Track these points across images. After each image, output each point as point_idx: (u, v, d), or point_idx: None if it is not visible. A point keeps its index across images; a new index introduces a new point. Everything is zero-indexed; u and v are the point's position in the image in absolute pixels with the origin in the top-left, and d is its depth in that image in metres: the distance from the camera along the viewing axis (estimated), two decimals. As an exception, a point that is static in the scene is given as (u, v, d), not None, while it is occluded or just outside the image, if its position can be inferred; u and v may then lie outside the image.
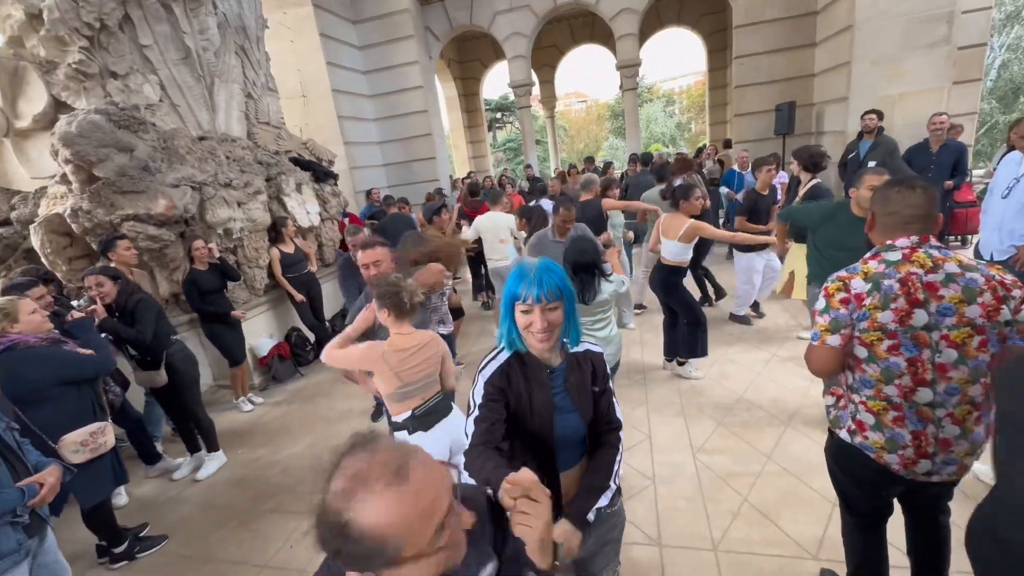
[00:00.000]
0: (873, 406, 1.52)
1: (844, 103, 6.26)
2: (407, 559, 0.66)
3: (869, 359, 1.48)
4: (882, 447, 1.51)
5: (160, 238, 4.11)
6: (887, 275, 1.43)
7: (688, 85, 38.44)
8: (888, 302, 1.40)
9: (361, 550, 0.64)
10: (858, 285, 1.46)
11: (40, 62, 4.12)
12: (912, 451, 1.47)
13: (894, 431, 1.49)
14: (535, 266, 1.28)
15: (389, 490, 0.65)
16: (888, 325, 1.41)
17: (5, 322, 2.24)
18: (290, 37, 7.94)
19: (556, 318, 1.27)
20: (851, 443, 1.60)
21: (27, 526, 1.74)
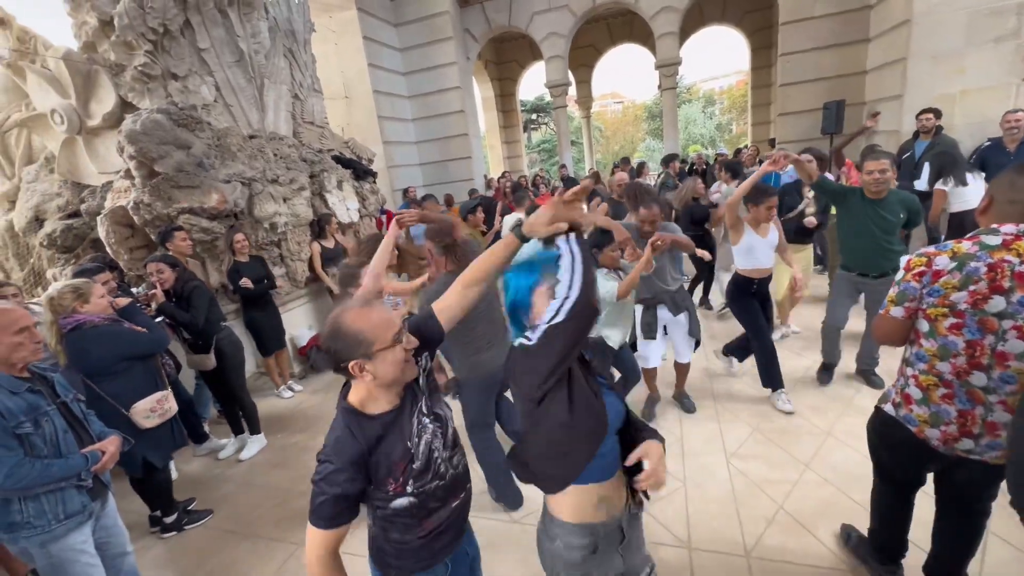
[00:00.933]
0: (924, 380, 1.55)
1: (899, 101, 5.94)
2: (377, 352, 1.14)
3: (929, 333, 1.50)
4: (925, 420, 1.56)
5: (212, 230, 4.34)
6: (978, 257, 1.39)
7: (730, 85, 37.33)
8: (968, 283, 1.39)
9: (349, 342, 1.13)
10: (942, 262, 1.45)
11: (110, 65, 4.44)
12: (956, 428, 1.50)
13: (940, 407, 1.52)
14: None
15: (361, 308, 1.18)
16: (959, 305, 1.41)
17: (77, 301, 2.42)
18: (335, 40, 8.22)
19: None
20: (894, 415, 1.65)
21: (90, 490, 1.88)
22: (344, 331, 1.13)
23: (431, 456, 1.25)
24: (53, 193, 4.88)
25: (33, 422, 1.71)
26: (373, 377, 1.15)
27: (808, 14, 7.00)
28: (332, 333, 1.15)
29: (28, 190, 4.96)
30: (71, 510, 1.79)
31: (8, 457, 1.62)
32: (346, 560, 1.25)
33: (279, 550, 2.67)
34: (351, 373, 1.15)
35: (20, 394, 1.71)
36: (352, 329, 1.13)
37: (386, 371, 1.15)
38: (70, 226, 4.71)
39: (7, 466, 1.61)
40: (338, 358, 1.14)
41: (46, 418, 1.75)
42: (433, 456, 1.26)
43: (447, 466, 1.30)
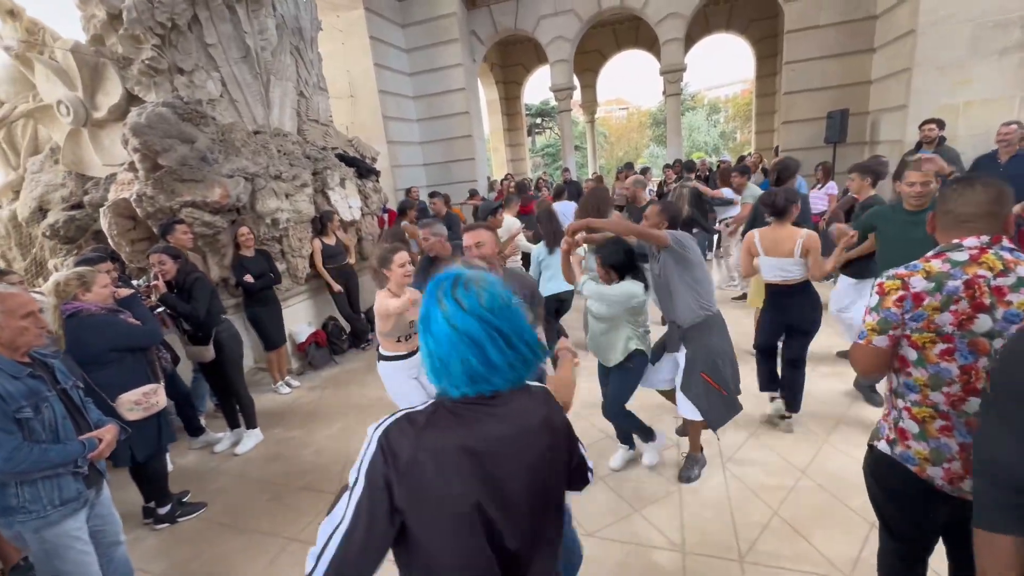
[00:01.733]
0: (918, 413, 1.41)
1: (903, 111, 5.96)
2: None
3: (918, 362, 1.39)
4: (925, 458, 1.40)
5: (214, 224, 4.36)
6: (952, 275, 1.32)
7: (735, 94, 37.39)
8: (949, 303, 1.31)
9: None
10: (919, 283, 1.35)
11: (117, 58, 4.46)
12: (959, 464, 1.35)
13: (940, 441, 1.38)
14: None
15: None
16: (945, 327, 1.32)
17: (80, 288, 2.44)
18: (341, 39, 8.26)
19: None
20: (890, 454, 1.48)
21: (86, 477, 1.88)
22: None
23: None
24: (57, 184, 4.90)
25: (33, 407, 1.71)
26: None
27: (813, 23, 7.03)
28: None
29: (32, 180, 4.98)
30: (67, 496, 1.80)
31: (7, 440, 1.62)
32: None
33: (272, 544, 2.66)
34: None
35: (21, 379, 1.72)
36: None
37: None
38: (73, 217, 4.73)
39: (6, 450, 1.61)
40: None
41: (46, 404, 1.76)
42: None
43: None
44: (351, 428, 3.86)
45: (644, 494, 2.75)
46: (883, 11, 6.50)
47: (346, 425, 3.92)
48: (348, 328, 5.60)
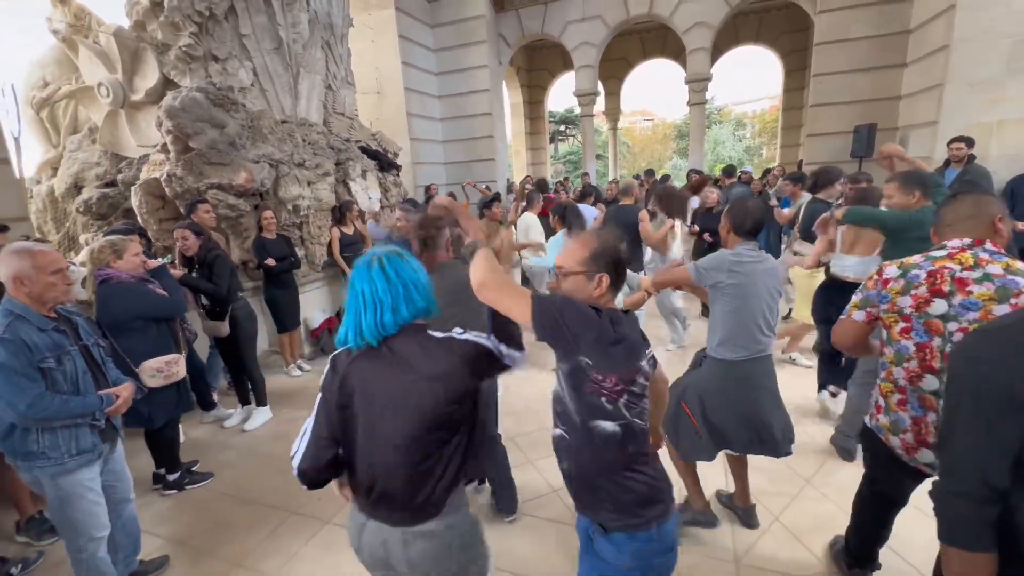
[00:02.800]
0: (884, 388, 1.64)
1: (933, 128, 5.83)
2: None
3: (887, 340, 1.61)
4: (887, 428, 1.64)
5: (238, 207, 4.49)
6: (920, 266, 1.53)
7: (762, 110, 36.99)
8: (909, 288, 1.52)
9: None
10: (890, 272, 1.59)
11: (157, 44, 4.65)
12: (912, 436, 1.56)
13: (897, 414, 1.60)
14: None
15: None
16: (904, 309, 1.53)
17: (112, 255, 2.54)
18: (371, 37, 8.44)
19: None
20: (869, 426, 1.74)
21: (102, 431, 1.97)
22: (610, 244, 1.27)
23: None
24: (93, 162, 5.11)
25: (56, 359, 1.80)
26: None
27: (844, 36, 6.94)
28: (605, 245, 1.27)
29: (70, 158, 5.20)
30: (83, 447, 1.88)
31: (32, 388, 1.71)
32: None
33: (274, 516, 2.72)
34: (598, 283, 1.24)
35: (47, 331, 1.80)
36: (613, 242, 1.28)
37: None
38: (106, 194, 4.92)
39: (30, 396, 1.69)
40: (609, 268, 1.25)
41: (68, 357, 1.85)
42: None
43: None
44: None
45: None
46: (917, 25, 6.39)
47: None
48: (361, 317, 5.69)
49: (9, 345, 1.68)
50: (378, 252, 1.24)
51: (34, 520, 2.64)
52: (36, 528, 2.62)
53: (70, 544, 1.94)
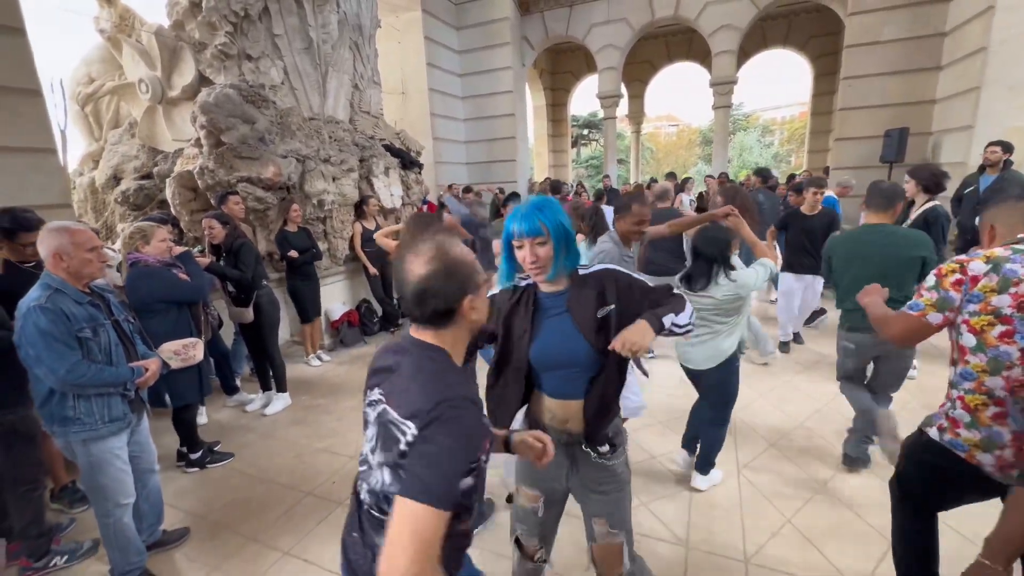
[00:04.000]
0: (971, 401, 1.43)
1: (968, 132, 5.65)
2: (479, 285, 0.99)
3: (976, 348, 1.40)
4: (975, 445, 1.42)
5: (265, 200, 4.64)
6: (1012, 260, 1.35)
7: (791, 116, 36.23)
8: (1008, 285, 1.33)
9: (466, 273, 0.96)
10: (976, 267, 1.39)
11: (194, 43, 4.86)
12: (1011, 452, 1.37)
13: (991, 429, 1.39)
14: (527, 204, 1.35)
15: (450, 235, 1.00)
16: (1003, 309, 1.34)
17: (140, 241, 2.68)
18: (398, 38, 8.62)
19: (544, 252, 1.31)
20: (939, 441, 1.52)
21: (131, 402, 2.07)
22: (461, 261, 0.96)
23: None
24: (132, 155, 5.35)
25: (92, 330, 1.91)
26: (478, 316, 1.00)
27: (876, 38, 6.77)
28: (449, 266, 0.94)
29: (111, 151, 5.46)
30: (115, 415, 1.98)
31: (70, 355, 1.82)
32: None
33: (289, 496, 2.80)
34: (457, 313, 0.97)
35: (83, 304, 1.92)
36: (466, 259, 0.97)
37: (482, 309, 1.02)
38: (142, 186, 5.15)
39: (69, 362, 1.81)
40: (454, 296, 0.95)
41: (103, 329, 1.96)
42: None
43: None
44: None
45: (654, 489, 2.72)
46: (953, 27, 6.20)
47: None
48: (380, 311, 5.80)
49: (50, 314, 1.80)
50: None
51: (67, 489, 2.79)
52: (68, 496, 2.77)
53: (99, 509, 2.05)
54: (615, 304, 1.36)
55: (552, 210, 1.32)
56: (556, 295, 1.39)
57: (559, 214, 1.32)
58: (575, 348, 1.35)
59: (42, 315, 1.79)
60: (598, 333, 1.34)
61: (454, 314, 0.97)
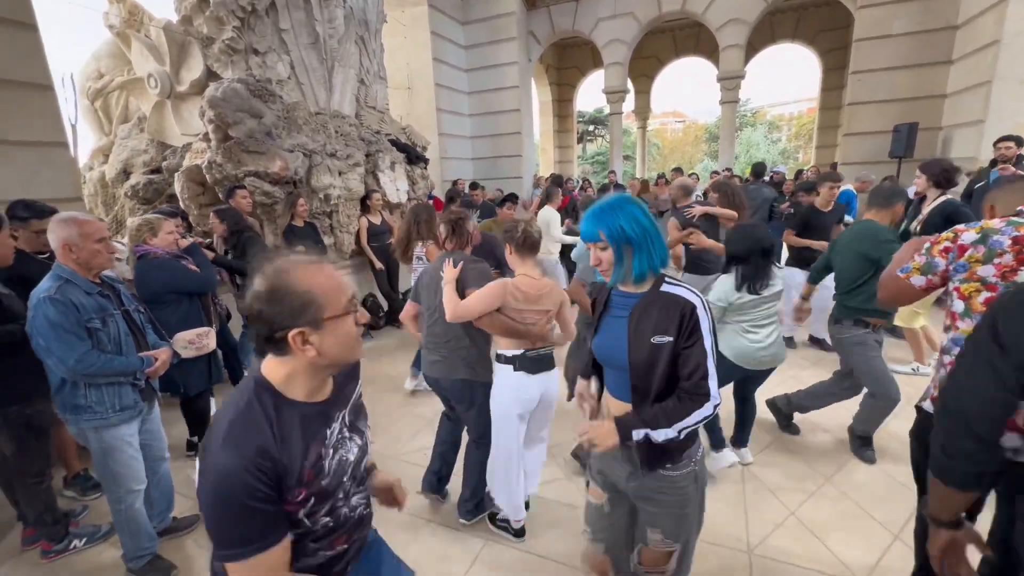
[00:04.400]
0: None
1: (979, 127, 5.58)
2: (327, 319, 0.90)
3: (964, 313, 1.45)
4: None
5: (273, 194, 4.67)
6: (1002, 231, 1.40)
7: (799, 112, 35.90)
8: (992, 256, 1.39)
9: (294, 303, 0.88)
10: (968, 237, 1.44)
11: (202, 38, 4.88)
12: None
13: None
14: (597, 205, 1.33)
15: (312, 265, 0.93)
16: (988, 279, 1.39)
17: (148, 233, 2.72)
18: (404, 33, 8.62)
19: (605, 256, 1.31)
20: (931, 411, 1.53)
21: (142, 391, 2.10)
22: (288, 290, 0.88)
23: (339, 481, 1.00)
24: (141, 150, 5.40)
25: (101, 320, 1.94)
26: (317, 353, 0.90)
27: (886, 32, 6.70)
28: (272, 292, 0.88)
29: (120, 146, 5.51)
30: (125, 403, 2.02)
31: (79, 345, 1.85)
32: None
33: (297, 485, 2.84)
34: (289, 345, 0.89)
35: (92, 295, 1.94)
36: (298, 289, 0.88)
37: (333, 346, 0.91)
38: (151, 180, 5.20)
39: (78, 352, 1.84)
40: (274, 324, 0.88)
41: (112, 319, 1.99)
42: (342, 481, 1.01)
43: (347, 504, 1.04)
44: (376, 395, 4.03)
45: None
46: (965, 21, 6.12)
47: (373, 392, 4.10)
48: (386, 306, 5.83)
49: (59, 305, 1.82)
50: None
51: (79, 477, 2.84)
52: (81, 484, 2.82)
53: (111, 495, 2.09)
54: (673, 341, 1.25)
55: (615, 214, 1.27)
56: (627, 296, 1.36)
57: (622, 218, 1.27)
58: (620, 357, 1.33)
59: (51, 306, 1.82)
60: (646, 355, 1.27)
61: (284, 343, 0.89)
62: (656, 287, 1.31)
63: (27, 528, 2.40)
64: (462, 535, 2.40)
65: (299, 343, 0.89)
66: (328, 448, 0.97)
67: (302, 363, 0.93)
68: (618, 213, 1.28)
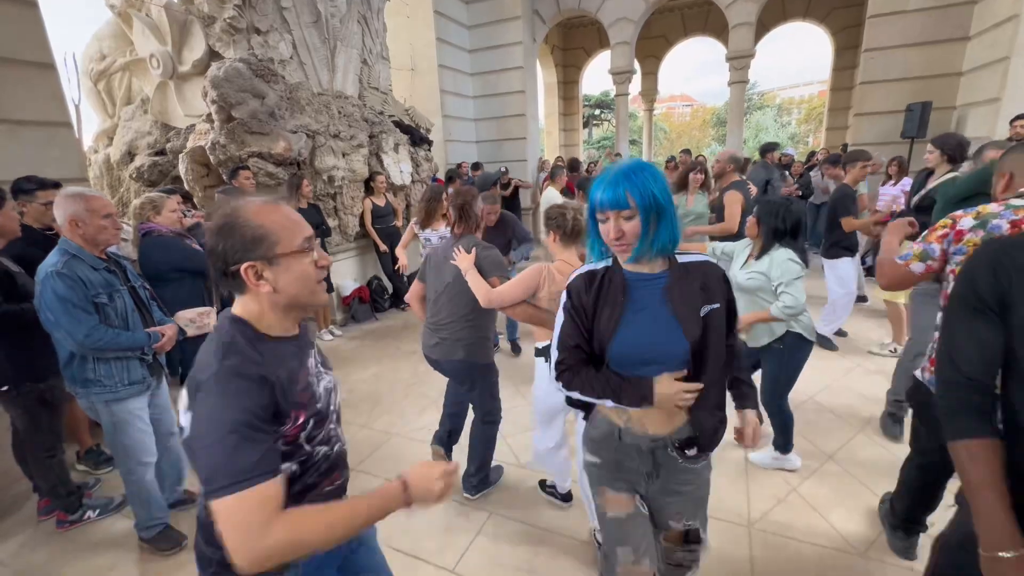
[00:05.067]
0: None
1: (995, 105, 5.45)
2: (281, 256, 0.91)
3: None
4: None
5: (276, 176, 4.66)
6: (1001, 215, 1.43)
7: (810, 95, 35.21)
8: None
9: (245, 237, 0.88)
10: (966, 223, 1.48)
11: (203, 16, 4.82)
12: None
13: None
14: (614, 168, 1.16)
15: (268, 202, 0.94)
16: None
17: (151, 211, 2.73)
18: (407, 13, 8.47)
19: (631, 228, 1.13)
20: (922, 380, 1.67)
21: (150, 366, 2.13)
22: (240, 224, 0.88)
23: (328, 407, 1.03)
24: (145, 132, 5.39)
25: (108, 296, 1.96)
26: (272, 289, 0.91)
27: (901, 7, 6.49)
28: (223, 226, 0.89)
29: (124, 127, 5.50)
30: (134, 378, 2.05)
31: (87, 319, 1.87)
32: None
33: (304, 461, 2.89)
34: (242, 279, 0.90)
35: (99, 271, 1.96)
36: (251, 223, 0.89)
37: (289, 284, 0.92)
38: (156, 162, 5.19)
39: (86, 327, 1.86)
40: (227, 258, 0.89)
41: (119, 295, 2.00)
42: (330, 409, 1.04)
43: (336, 435, 1.07)
44: (383, 375, 4.07)
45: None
46: (984, -5, 5.93)
47: (379, 372, 4.14)
48: (391, 288, 5.85)
49: (66, 279, 1.84)
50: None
51: (92, 451, 2.90)
52: (94, 459, 2.88)
53: (122, 467, 2.14)
54: (720, 304, 1.19)
55: (643, 177, 1.12)
56: (648, 279, 1.20)
57: (651, 181, 1.12)
58: (672, 343, 1.17)
59: (59, 280, 1.83)
60: (701, 331, 1.16)
61: (239, 279, 0.90)
62: (674, 259, 1.22)
63: (42, 499, 2.46)
64: (466, 508, 2.44)
65: (252, 277, 0.89)
66: (312, 376, 1.00)
67: (266, 302, 0.93)
68: (646, 175, 1.13)
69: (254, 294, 0.92)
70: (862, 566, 1.98)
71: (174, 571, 2.12)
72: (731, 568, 2.02)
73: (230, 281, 0.91)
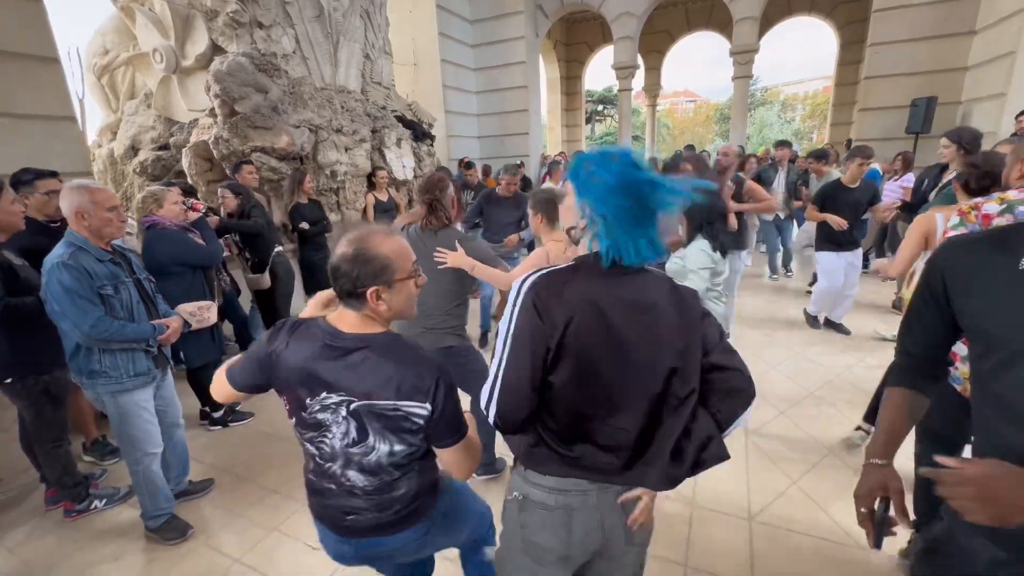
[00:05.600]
0: None
1: (1000, 100, 5.41)
2: (398, 280, 1.11)
3: None
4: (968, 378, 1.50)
5: (279, 170, 4.67)
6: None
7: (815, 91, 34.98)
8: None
9: (376, 266, 1.07)
10: (990, 208, 1.49)
11: (206, 11, 4.82)
12: None
13: None
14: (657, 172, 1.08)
15: (388, 234, 1.14)
16: None
17: (153, 204, 2.74)
18: (409, 7, 8.45)
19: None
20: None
21: (155, 358, 2.15)
22: (371, 255, 1.07)
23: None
24: (148, 126, 5.40)
25: (114, 287, 1.98)
26: (387, 308, 1.11)
27: (906, 1, 6.46)
28: (358, 254, 1.06)
29: (128, 122, 5.52)
30: (139, 369, 2.06)
31: (93, 310, 1.88)
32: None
33: (307, 453, 2.91)
34: (367, 300, 1.09)
35: (104, 263, 1.98)
36: (380, 254, 1.07)
37: (399, 303, 1.13)
38: (159, 157, 5.21)
39: (92, 317, 1.88)
40: (358, 282, 1.07)
41: (124, 287, 2.02)
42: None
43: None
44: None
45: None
46: (991, -11, 5.88)
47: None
48: (392, 283, 5.86)
49: (72, 271, 1.86)
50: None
51: (98, 443, 2.93)
52: (100, 450, 2.91)
53: (128, 457, 2.16)
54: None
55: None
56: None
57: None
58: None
59: (65, 272, 1.85)
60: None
61: (363, 298, 1.08)
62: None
63: (49, 489, 2.49)
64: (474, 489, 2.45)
65: (375, 299, 1.09)
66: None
67: (379, 315, 1.12)
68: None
69: (364, 309, 1.11)
70: (863, 559, 1.99)
71: (180, 560, 2.15)
72: (732, 561, 2.03)
73: (353, 299, 1.10)
